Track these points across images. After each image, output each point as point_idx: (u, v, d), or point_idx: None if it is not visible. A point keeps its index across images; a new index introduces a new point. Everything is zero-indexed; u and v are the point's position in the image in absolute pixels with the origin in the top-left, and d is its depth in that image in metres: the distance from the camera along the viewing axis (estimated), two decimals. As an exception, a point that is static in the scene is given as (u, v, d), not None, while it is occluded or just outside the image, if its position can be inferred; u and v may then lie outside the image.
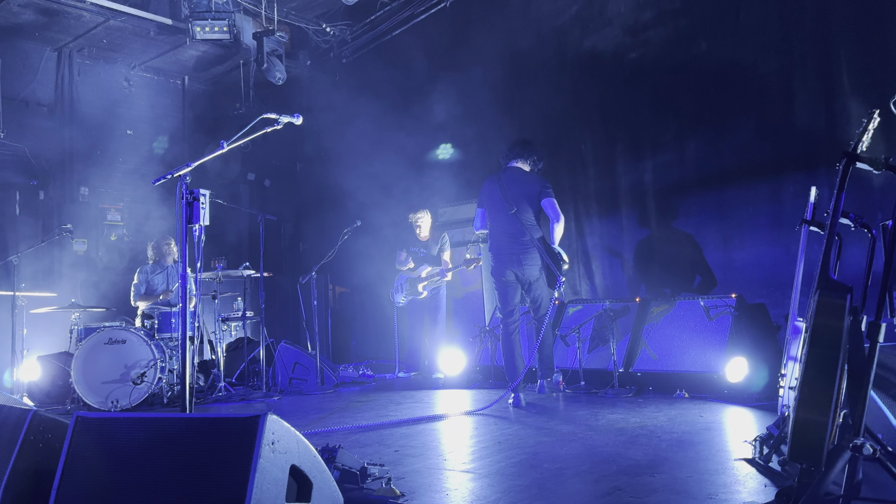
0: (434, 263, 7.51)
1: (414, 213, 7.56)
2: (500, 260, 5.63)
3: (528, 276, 5.57)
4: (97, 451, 2.26)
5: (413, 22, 8.61)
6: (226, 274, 6.93)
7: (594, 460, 3.40)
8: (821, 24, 5.48)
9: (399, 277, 7.73)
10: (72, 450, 2.28)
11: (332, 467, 2.80)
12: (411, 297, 7.58)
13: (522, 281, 5.62)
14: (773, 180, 5.75)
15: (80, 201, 8.85)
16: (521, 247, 5.54)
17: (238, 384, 7.10)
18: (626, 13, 6.88)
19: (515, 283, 5.65)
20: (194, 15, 7.78)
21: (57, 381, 6.53)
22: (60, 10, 7.69)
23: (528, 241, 5.52)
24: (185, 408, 3.12)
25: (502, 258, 5.61)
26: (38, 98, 8.68)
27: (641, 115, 6.71)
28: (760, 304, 5.71)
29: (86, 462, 2.27)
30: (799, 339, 3.33)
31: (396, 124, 8.38)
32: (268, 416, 2.08)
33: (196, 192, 3.22)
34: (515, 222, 5.54)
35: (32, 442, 2.50)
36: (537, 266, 5.56)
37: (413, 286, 7.54)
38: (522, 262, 5.53)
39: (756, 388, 5.06)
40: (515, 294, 5.68)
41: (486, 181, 5.82)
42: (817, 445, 2.15)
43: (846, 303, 2.25)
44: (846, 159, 2.53)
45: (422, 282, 7.47)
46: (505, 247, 5.59)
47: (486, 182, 5.80)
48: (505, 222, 5.59)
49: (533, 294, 5.65)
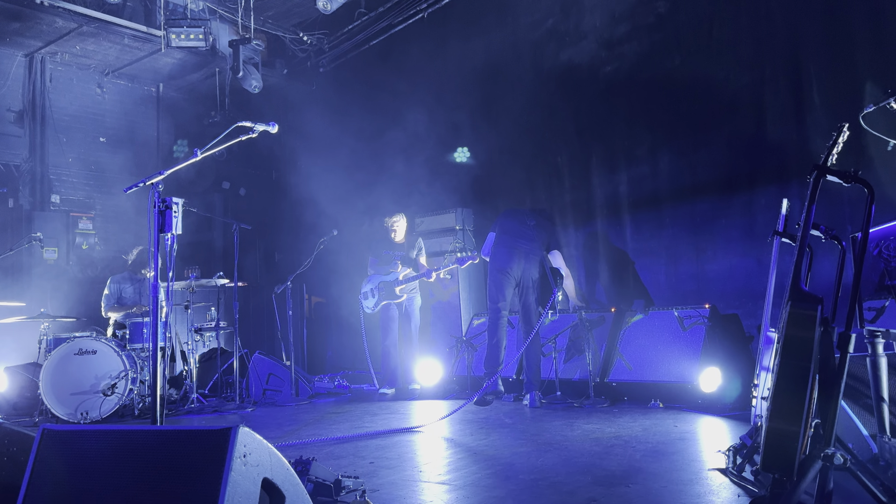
0: (411, 267, 7.13)
1: (389, 216, 7.24)
2: (511, 253, 6.07)
3: (529, 277, 6.03)
4: (64, 465, 2.20)
5: (390, 32, 8.62)
6: (199, 283, 6.84)
7: (569, 471, 3.40)
8: (791, 40, 5.58)
9: (368, 282, 7.22)
10: (37, 463, 2.22)
11: (306, 480, 2.77)
12: (386, 301, 7.03)
13: (521, 281, 6.03)
14: (746, 193, 5.83)
15: (51, 209, 8.70)
16: (532, 249, 6.11)
17: (211, 395, 7.01)
18: (601, 27, 6.95)
19: (513, 281, 6.06)
20: (170, 22, 7.72)
21: (25, 393, 6.39)
22: (32, 14, 7.59)
23: (537, 250, 6.15)
24: (156, 420, 3.07)
25: (513, 252, 6.07)
26: (7, 104, 8.54)
27: (616, 128, 6.77)
28: (733, 314, 5.78)
29: (52, 476, 2.21)
30: (771, 349, 3.36)
31: (373, 134, 8.38)
32: (239, 428, 2.04)
33: (168, 200, 3.18)
34: (530, 232, 6.16)
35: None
36: (539, 271, 6.13)
37: (389, 289, 7.02)
38: (530, 260, 6.07)
39: (729, 399, 5.11)
40: (511, 290, 6.09)
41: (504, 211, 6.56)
42: (789, 455, 2.17)
43: (817, 314, 2.28)
44: (816, 172, 2.57)
45: (399, 284, 6.98)
46: (518, 245, 6.11)
47: (505, 212, 6.52)
48: (520, 230, 6.17)
49: (525, 299, 6.04)
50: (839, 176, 2.56)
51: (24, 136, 8.64)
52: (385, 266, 7.12)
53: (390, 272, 7.06)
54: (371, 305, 7.16)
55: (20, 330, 6.99)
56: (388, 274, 7.07)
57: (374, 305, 7.12)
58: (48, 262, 8.43)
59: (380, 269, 7.15)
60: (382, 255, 7.17)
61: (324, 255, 7.63)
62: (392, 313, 7.07)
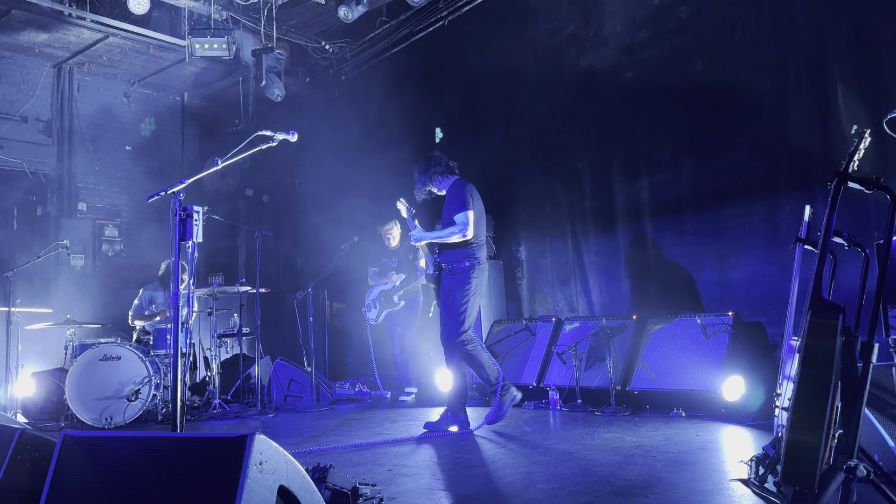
0: (409, 271, 7.12)
1: (383, 224, 7.25)
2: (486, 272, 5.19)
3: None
4: (84, 470, 2.24)
5: (412, 40, 8.66)
6: (222, 290, 6.91)
7: (588, 481, 3.37)
8: (815, 44, 5.51)
9: (370, 293, 7.31)
10: (59, 469, 2.26)
11: (323, 487, 2.77)
12: (387, 310, 7.13)
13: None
14: (769, 199, 5.77)
15: (78, 217, 8.85)
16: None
17: (233, 401, 7.07)
18: (622, 33, 6.93)
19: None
20: (194, 32, 7.82)
21: (51, 398, 6.49)
22: (60, 26, 7.74)
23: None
24: (177, 426, 3.10)
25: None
26: (36, 113, 8.71)
27: (637, 133, 6.74)
28: (757, 322, 5.70)
29: (73, 481, 2.25)
30: (794, 358, 3.31)
31: (394, 140, 8.41)
32: (255, 435, 2.06)
33: (189, 209, 3.21)
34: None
35: (20, 461, 2.48)
36: None
37: (388, 299, 7.11)
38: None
39: (753, 407, 5.03)
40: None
41: (470, 183, 5.18)
42: (810, 467, 2.14)
43: (838, 323, 2.24)
44: (837, 179, 2.53)
45: (397, 292, 7.04)
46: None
47: (472, 185, 5.18)
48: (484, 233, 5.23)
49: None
50: (860, 183, 2.52)
51: (52, 144, 8.81)
52: (384, 275, 7.26)
53: (386, 282, 7.20)
54: (374, 317, 7.30)
55: (47, 336, 7.11)
56: (385, 283, 7.21)
57: (377, 316, 7.27)
58: (75, 268, 8.57)
59: (379, 278, 7.28)
60: (381, 264, 7.32)
61: (344, 262, 7.67)
62: (396, 321, 7.18)
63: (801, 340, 2.32)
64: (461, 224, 4.93)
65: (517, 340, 6.81)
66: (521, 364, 6.62)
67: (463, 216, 4.95)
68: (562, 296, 7.40)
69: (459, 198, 5.02)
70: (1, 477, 2.45)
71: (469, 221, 4.94)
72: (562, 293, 7.40)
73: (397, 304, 7.10)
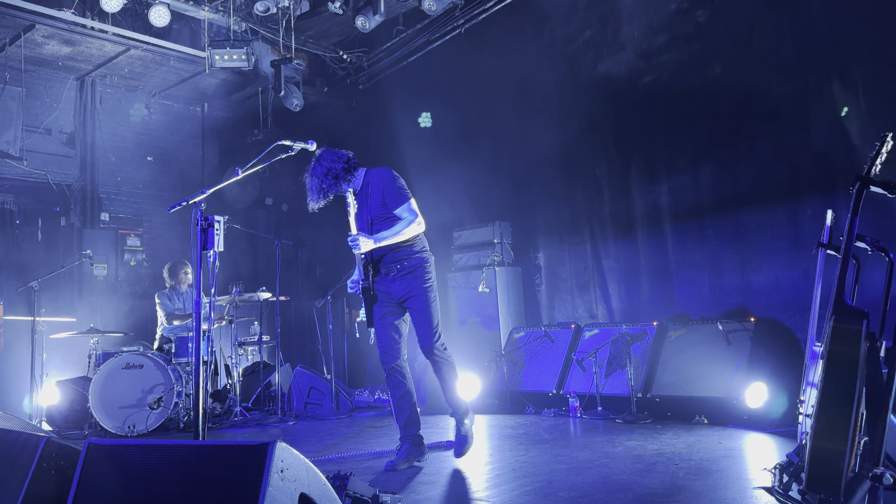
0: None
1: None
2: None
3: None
4: (108, 478, 2.26)
5: (428, 48, 8.69)
6: (242, 298, 6.96)
7: (610, 489, 3.35)
8: (836, 46, 5.45)
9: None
10: (83, 477, 2.29)
11: (343, 495, 2.78)
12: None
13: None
14: (790, 203, 5.70)
15: (101, 227, 8.97)
16: None
17: (254, 409, 7.11)
18: (639, 38, 6.90)
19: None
20: (213, 43, 7.92)
21: (75, 406, 6.57)
22: (83, 39, 7.86)
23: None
24: (198, 434, 3.12)
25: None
26: (60, 126, 8.85)
27: (656, 138, 6.70)
28: (779, 327, 5.63)
29: (97, 489, 2.27)
30: (817, 364, 3.27)
31: (411, 149, 8.43)
32: (277, 443, 2.07)
33: (210, 218, 3.25)
34: None
35: (45, 469, 2.51)
36: None
37: None
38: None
39: (776, 414, 4.97)
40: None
41: (389, 168, 4.49)
42: (835, 475, 2.11)
43: (862, 328, 2.21)
44: (860, 183, 2.50)
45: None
46: None
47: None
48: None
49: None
50: (883, 187, 2.49)
51: (75, 156, 8.93)
52: None
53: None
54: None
55: (71, 344, 7.20)
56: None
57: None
58: (98, 278, 8.68)
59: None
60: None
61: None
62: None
63: (825, 346, 2.29)
64: (412, 214, 4.25)
65: (536, 347, 6.79)
66: (540, 371, 6.60)
67: (410, 206, 4.26)
68: (581, 302, 7.36)
69: (396, 187, 4.30)
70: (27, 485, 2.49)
71: (418, 210, 4.29)
72: (581, 299, 7.37)
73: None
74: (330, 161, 4.34)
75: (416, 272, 4.29)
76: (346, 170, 4.35)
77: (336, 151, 4.40)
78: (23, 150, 8.23)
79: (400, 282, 4.29)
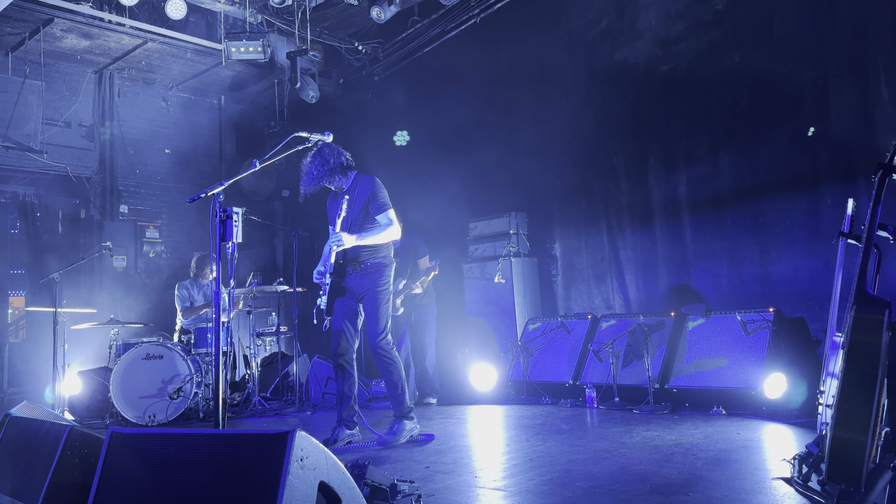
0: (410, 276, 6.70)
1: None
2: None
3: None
4: (131, 466, 2.30)
5: (444, 39, 8.66)
6: (260, 289, 7.01)
7: (627, 479, 3.35)
8: (857, 32, 5.38)
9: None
10: (107, 464, 2.32)
11: (362, 484, 2.80)
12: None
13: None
14: (811, 192, 5.65)
15: (120, 219, 9.06)
16: None
17: (272, 399, 7.17)
18: (656, 26, 6.84)
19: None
20: (230, 36, 7.95)
21: (96, 396, 6.66)
22: (101, 33, 7.92)
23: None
24: (219, 423, 3.16)
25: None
26: (79, 119, 8.93)
27: (674, 127, 6.65)
28: (799, 318, 5.58)
29: (120, 476, 2.31)
30: (837, 354, 3.24)
31: (426, 140, 8.43)
32: (297, 432, 2.09)
33: (229, 210, 3.28)
34: None
35: (69, 457, 2.56)
36: None
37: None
38: None
39: (795, 405, 4.94)
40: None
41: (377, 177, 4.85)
42: (856, 465, 2.09)
43: (884, 318, 2.19)
44: (882, 171, 2.47)
45: (398, 295, 6.57)
46: None
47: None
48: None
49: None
50: (906, 174, 2.46)
51: (94, 149, 9.02)
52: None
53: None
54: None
55: (92, 335, 7.30)
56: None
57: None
58: (117, 269, 8.77)
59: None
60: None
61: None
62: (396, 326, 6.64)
63: (846, 336, 2.27)
64: (391, 222, 4.65)
65: (553, 338, 6.78)
66: (556, 362, 6.60)
67: (389, 214, 4.65)
68: (598, 293, 7.34)
69: (381, 195, 4.69)
70: (52, 472, 2.54)
71: (395, 219, 4.67)
72: (598, 290, 7.35)
73: (398, 310, 6.66)
74: (330, 154, 4.68)
75: (375, 274, 4.65)
76: (343, 166, 4.71)
77: (337, 147, 4.74)
78: (43, 143, 8.33)
79: (360, 280, 4.66)
